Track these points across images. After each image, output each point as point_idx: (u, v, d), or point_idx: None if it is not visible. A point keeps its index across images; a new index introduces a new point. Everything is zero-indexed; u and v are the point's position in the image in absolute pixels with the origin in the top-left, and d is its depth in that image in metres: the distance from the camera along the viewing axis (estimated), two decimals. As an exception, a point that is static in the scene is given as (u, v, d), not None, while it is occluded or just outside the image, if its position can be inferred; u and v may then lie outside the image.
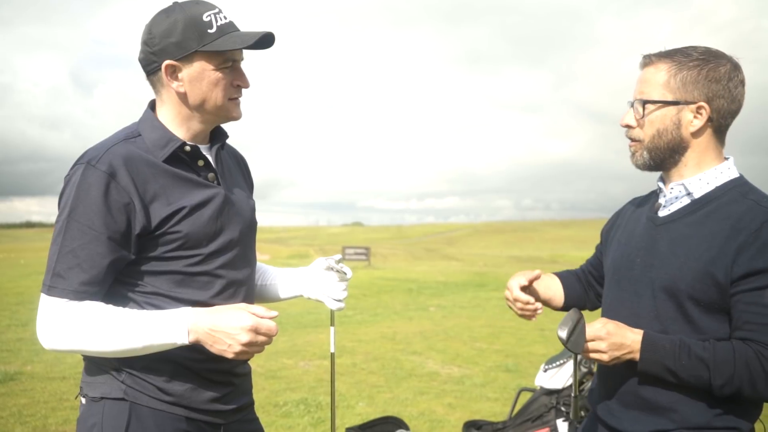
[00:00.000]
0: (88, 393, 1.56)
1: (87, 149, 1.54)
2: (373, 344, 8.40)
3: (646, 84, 1.58)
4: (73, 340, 1.44)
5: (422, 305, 13.08)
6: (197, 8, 1.52)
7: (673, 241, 1.55)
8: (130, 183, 1.47)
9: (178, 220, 1.51)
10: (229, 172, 1.71)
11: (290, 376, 6.36)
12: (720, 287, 1.46)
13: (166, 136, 1.56)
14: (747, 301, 1.44)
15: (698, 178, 1.57)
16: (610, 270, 1.74)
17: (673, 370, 1.47)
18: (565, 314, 1.53)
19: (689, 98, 1.53)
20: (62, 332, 1.44)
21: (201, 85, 1.53)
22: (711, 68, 1.53)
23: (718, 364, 1.43)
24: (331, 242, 78.69)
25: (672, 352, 1.47)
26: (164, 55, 1.51)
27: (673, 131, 1.56)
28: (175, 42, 1.50)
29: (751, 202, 1.50)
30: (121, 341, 1.43)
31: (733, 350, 1.44)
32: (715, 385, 1.45)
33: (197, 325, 1.42)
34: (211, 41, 1.50)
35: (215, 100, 1.55)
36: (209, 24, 1.50)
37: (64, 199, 1.49)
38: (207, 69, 1.52)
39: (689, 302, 1.50)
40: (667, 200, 1.62)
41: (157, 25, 1.52)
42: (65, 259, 1.45)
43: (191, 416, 1.56)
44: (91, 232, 1.44)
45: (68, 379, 5.96)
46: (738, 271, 1.44)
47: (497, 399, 5.70)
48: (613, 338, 1.50)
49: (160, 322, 1.43)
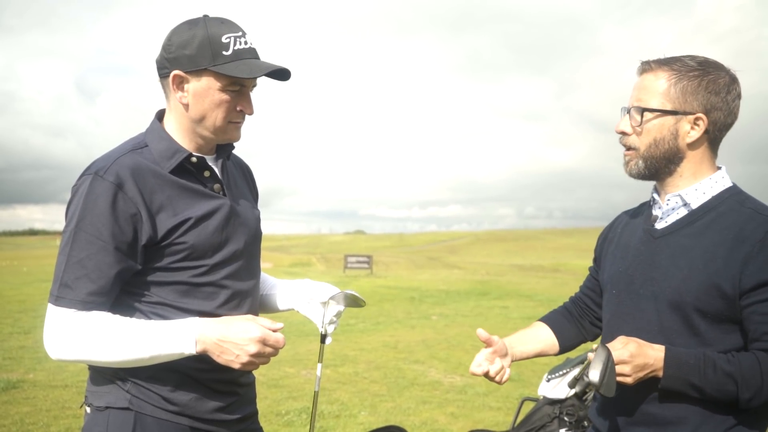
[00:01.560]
0: (92, 402, 1.56)
1: (94, 160, 1.55)
2: (375, 353, 8.38)
3: (645, 91, 1.56)
4: (80, 351, 1.45)
5: (424, 314, 13.06)
6: (220, 28, 1.53)
7: (674, 253, 1.54)
8: (137, 194, 1.48)
9: (184, 231, 1.52)
10: (235, 183, 1.72)
11: (292, 385, 6.34)
12: (727, 298, 1.44)
13: (172, 147, 1.57)
14: (762, 311, 1.42)
15: (694, 189, 1.56)
16: (607, 285, 1.70)
17: (698, 386, 1.43)
18: (593, 353, 1.43)
19: (688, 109, 1.52)
20: (70, 342, 1.45)
21: (204, 101, 1.54)
22: (711, 80, 1.52)
23: (746, 378, 1.41)
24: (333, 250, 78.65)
25: (696, 368, 1.43)
26: (176, 64, 1.53)
27: (670, 141, 1.54)
28: (189, 55, 1.51)
29: (750, 210, 1.50)
30: (128, 351, 1.44)
31: (758, 362, 1.41)
32: (743, 398, 1.42)
33: (205, 335, 1.43)
34: (222, 63, 1.50)
35: (214, 120, 1.56)
36: (226, 46, 1.51)
37: (71, 210, 1.49)
38: (213, 88, 1.53)
39: (695, 314, 1.48)
40: (664, 212, 1.60)
41: (178, 34, 1.54)
42: (73, 269, 1.45)
43: (196, 426, 1.56)
44: (98, 242, 1.45)
45: (71, 387, 5.96)
46: (747, 282, 1.42)
47: (500, 408, 5.67)
48: (636, 360, 1.44)
49: (168, 333, 1.44)
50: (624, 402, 1.57)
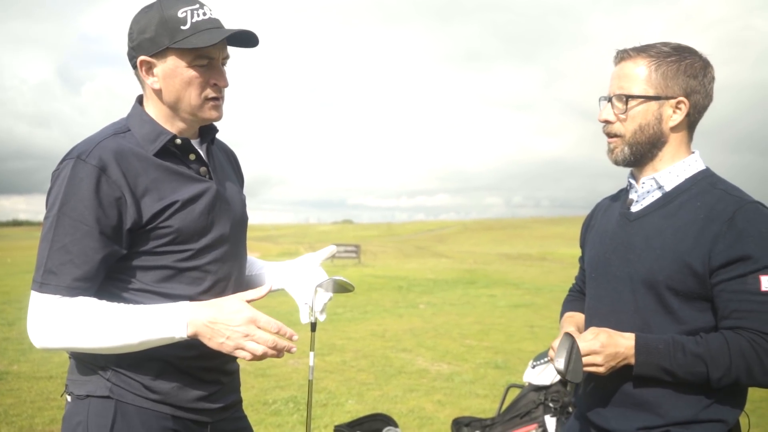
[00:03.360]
0: (73, 391, 1.54)
1: (75, 144, 1.52)
2: (363, 342, 8.40)
3: (626, 79, 1.59)
4: (66, 338, 1.42)
5: (412, 302, 13.10)
6: (176, 4, 1.50)
7: (648, 234, 1.58)
8: (121, 177, 1.45)
9: (170, 215, 1.50)
10: (221, 167, 1.70)
11: (279, 374, 6.34)
12: (698, 276, 1.48)
13: (156, 130, 1.54)
14: (731, 289, 1.46)
15: (668, 171, 1.60)
16: (588, 269, 1.76)
17: (670, 370, 1.48)
18: (557, 342, 1.50)
19: (670, 93, 1.56)
20: (55, 330, 1.42)
21: (174, 82, 1.51)
22: (688, 64, 1.56)
23: (714, 358, 1.45)
24: (321, 240, 78.58)
25: (666, 352, 1.47)
26: (140, 51, 1.51)
27: (655, 126, 1.58)
28: (149, 38, 1.49)
29: (721, 191, 1.54)
30: (116, 337, 1.41)
31: (726, 341, 1.45)
32: (713, 378, 1.45)
33: (196, 318, 1.41)
34: (183, 38, 1.48)
35: (189, 99, 1.53)
36: (183, 20, 1.48)
37: (53, 195, 1.46)
38: (180, 66, 1.50)
39: (668, 293, 1.52)
40: (639, 195, 1.64)
41: (136, 21, 1.52)
42: (57, 255, 1.43)
43: (177, 414, 1.55)
44: (83, 227, 1.42)
45: (55, 378, 5.91)
46: (717, 260, 1.46)
47: (486, 396, 5.72)
48: (608, 349, 1.49)
49: (158, 317, 1.42)
50: (604, 385, 1.62)
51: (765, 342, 1.43)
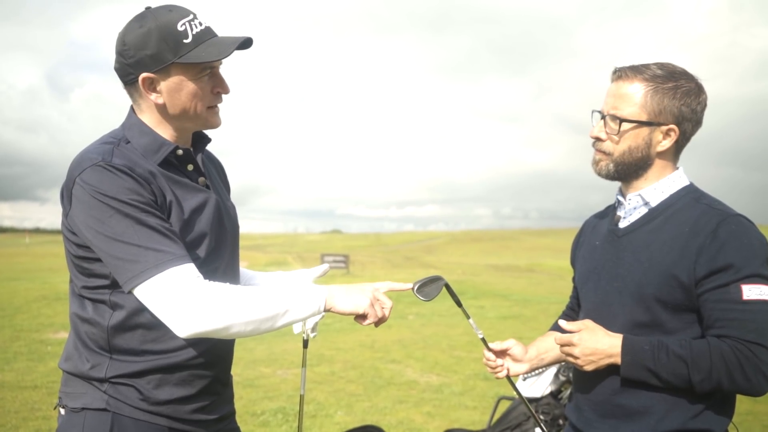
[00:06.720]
0: (67, 404, 1.53)
1: (79, 160, 1.46)
2: (352, 353, 8.37)
3: (621, 100, 1.62)
4: (222, 315, 1.36)
5: (401, 313, 13.07)
6: (171, 16, 1.47)
7: (636, 249, 1.62)
8: (144, 179, 1.45)
9: (180, 223, 1.50)
10: (213, 177, 1.71)
11: (268, 385, 6.30)
12: (684, 288, 1.53)
13: (157, 141, 1.54)
14: (713, 299, 1.50)
15: (653, 188, 1.65)
16: (579, 284, 1.81)
17: (654, 371, 1.51)
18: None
19: (662, 120, 1.60)
20: (209, 305, 1.35)
21: (180, 96, 1.51)
22: (684, 92, 1.60)
23: (696, 360, 1.48)
24: (309, 249, 78.37)
25: (651, 353, 1.51)
26: (140, 68, 1.48)
27: (644, 150, 1.63)
28: (151, 54, 1.46)
29: (705, 206, 1.59)
30: (267, 308, 1.40)
31: (708, 345, 1.49)
32: (695, 380, 1.48)
33: (332, 292, 1.48)
34: (188, 52, 1.46)
35: (195, 110, 1.53)
36: (184, 33, 1.47)
37: (95, 204, 1.39)
38: (185, 80, 1.50)
39: (657, 305, 1.56)
40: (626, 211, 1.69)
41: (130, 36, 1.48)
42: (150, 238, 1.38)
43: (174, 426, 1.54)
44: (148, 208, 1.41)
45: (40, 388, 5.84)
46: (701, 271, 1.50)
47: (476, 407, 5.71)
48: (585, 343, 1.56)
49: (299, 292, 1.46)
50: (595, 396, 1.65)
51: (746, 349, 1.46)
